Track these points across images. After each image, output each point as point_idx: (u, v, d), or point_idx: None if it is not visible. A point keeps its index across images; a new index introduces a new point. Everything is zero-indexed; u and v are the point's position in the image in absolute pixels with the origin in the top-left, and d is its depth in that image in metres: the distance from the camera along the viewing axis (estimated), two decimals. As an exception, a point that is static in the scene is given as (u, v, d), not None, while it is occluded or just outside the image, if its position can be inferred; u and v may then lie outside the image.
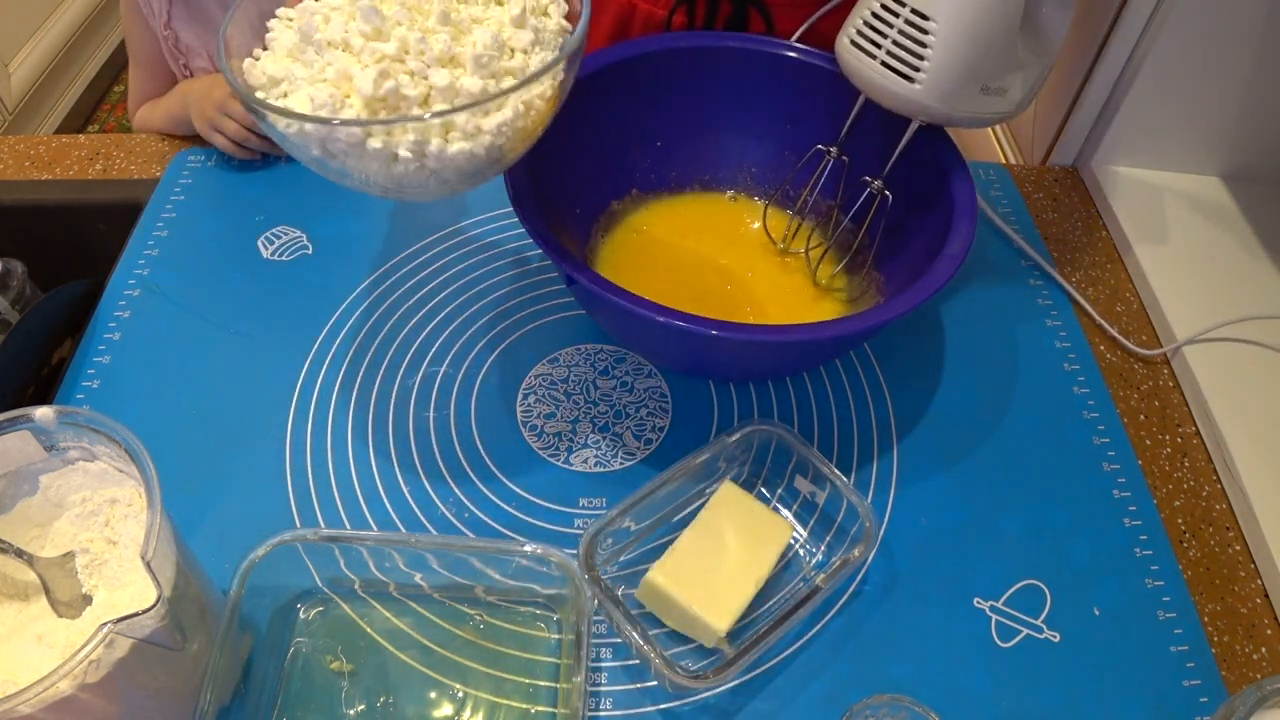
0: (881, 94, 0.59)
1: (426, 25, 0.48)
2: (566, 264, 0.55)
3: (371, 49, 0.47)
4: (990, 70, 0.58)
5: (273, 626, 0.54)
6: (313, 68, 0.48)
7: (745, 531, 0.56)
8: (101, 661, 0.40)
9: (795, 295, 0.71)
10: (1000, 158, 1.00)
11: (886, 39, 0.57)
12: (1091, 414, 0.68)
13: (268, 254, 0.76)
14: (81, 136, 0.88)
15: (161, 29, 0.87)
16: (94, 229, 0.82)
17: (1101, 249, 0.81)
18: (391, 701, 0.52)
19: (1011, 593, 0.58)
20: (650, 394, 0.68)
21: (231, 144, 0.81)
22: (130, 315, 0.72)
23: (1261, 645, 0.58)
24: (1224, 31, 0.74)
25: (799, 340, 0.56)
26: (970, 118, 0.59)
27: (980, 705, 0.54)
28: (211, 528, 0.59)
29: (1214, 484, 0.65)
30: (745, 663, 0.50)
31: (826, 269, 0.71)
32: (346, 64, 0.47)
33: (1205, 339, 0.72)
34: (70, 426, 0.46)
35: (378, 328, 0.71)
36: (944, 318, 0.74)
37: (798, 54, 0.70)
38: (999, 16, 0.55)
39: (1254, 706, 0.44)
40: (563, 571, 0.52)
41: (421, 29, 0.48)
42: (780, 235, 0.73)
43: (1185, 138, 0.83)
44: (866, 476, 0.64)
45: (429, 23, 0.48)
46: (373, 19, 0.47)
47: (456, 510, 0.61)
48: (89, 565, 0.46)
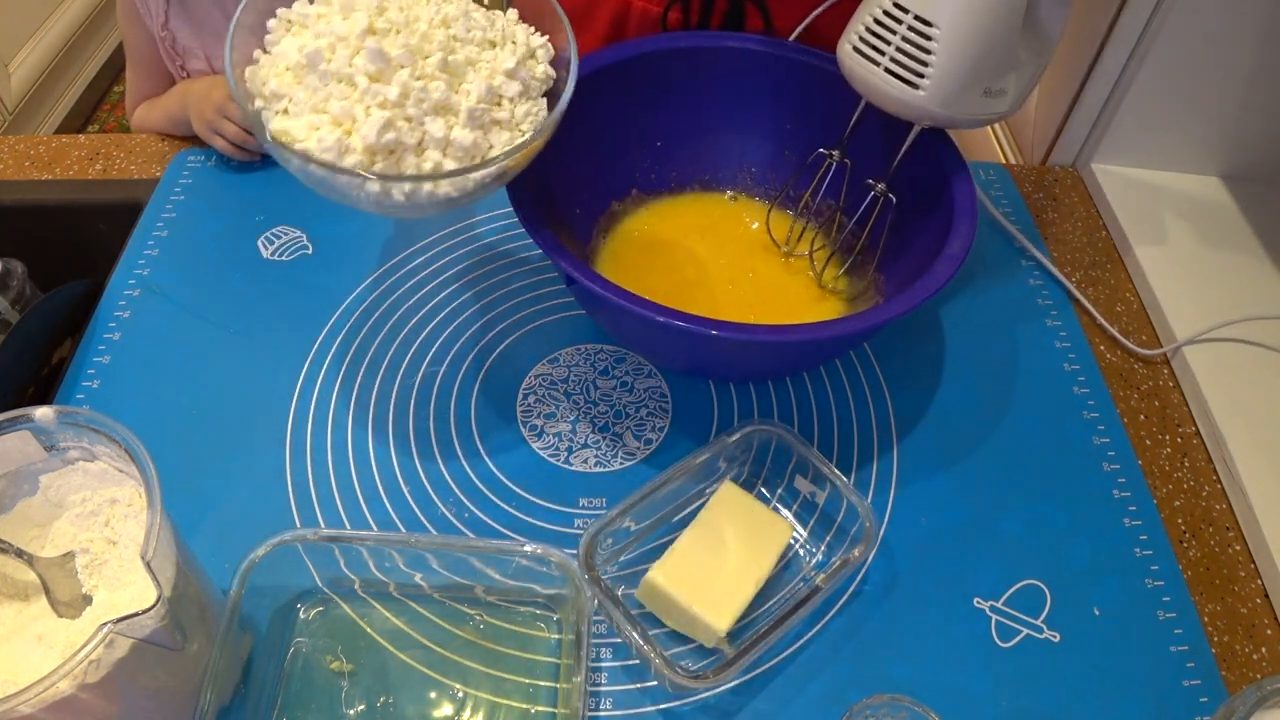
0: (885, 100, 0.59)
1: (426, 69, 0.50)
2: (566, 264, 0.55)
3: (374, 92, 0.49)
4: (993, 73, 0.58)
5: (273, 626, 0.54)
6: (315, 94, 0.50)
7: (745, 531, 0.56)
8: (101, 661, 0.40)
9: (795, 295, 0.71)
10: (1000, 158, 1.00)
11: (890, 46, 0.57)
12: (1091, 414, 0.68)
13: (268, 254, 0.76)
14: (81, 136, 0.88)
15: (159, 30, 0.87)
16: (94, 229, 0.82)
17: (1101, 249, 0.81)
18: (391, 701, 0.52)
19: (1011, 593, 0.58)
20: (650, 394, 0.68)
21: (230, 146, 0.81)
22: (130, 315, 0.72)
23: (1261, 645, 0.58)
24: (1224, 31, 0.74)
25: (799, 340, 0.56)
26: (972, 119, 0.59)
27: (980, 705, 0.54)
28: (211, 528, 0.59)
29: (1214, 484, 0.65)
30: (745, 663, 0.50)
31: (830, 271, 0.71)
32: (350, 106, 0.49)
33: (1205, 339, 0.72)
34: (70, 426, 0.46)
35: (378, 328, 0.71)
36: (944, 318, 0.74)
37: (797, 54, 0.70)
38: (1002, 20, 0.55)
39: (1254, 706, 0.44)
40: (563, 571, 0.52)
41: (421, 73, 0.50)
42: (783, 238, 0.73)
43: (1185, 138, 0.83)
44: (866, 476, 0.64)
45: (429, 66, 0.50)
46: (377, 60, 0.49)
47: (456, 510, 0.61)
48: (89, 565, 0.46)
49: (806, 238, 0.73)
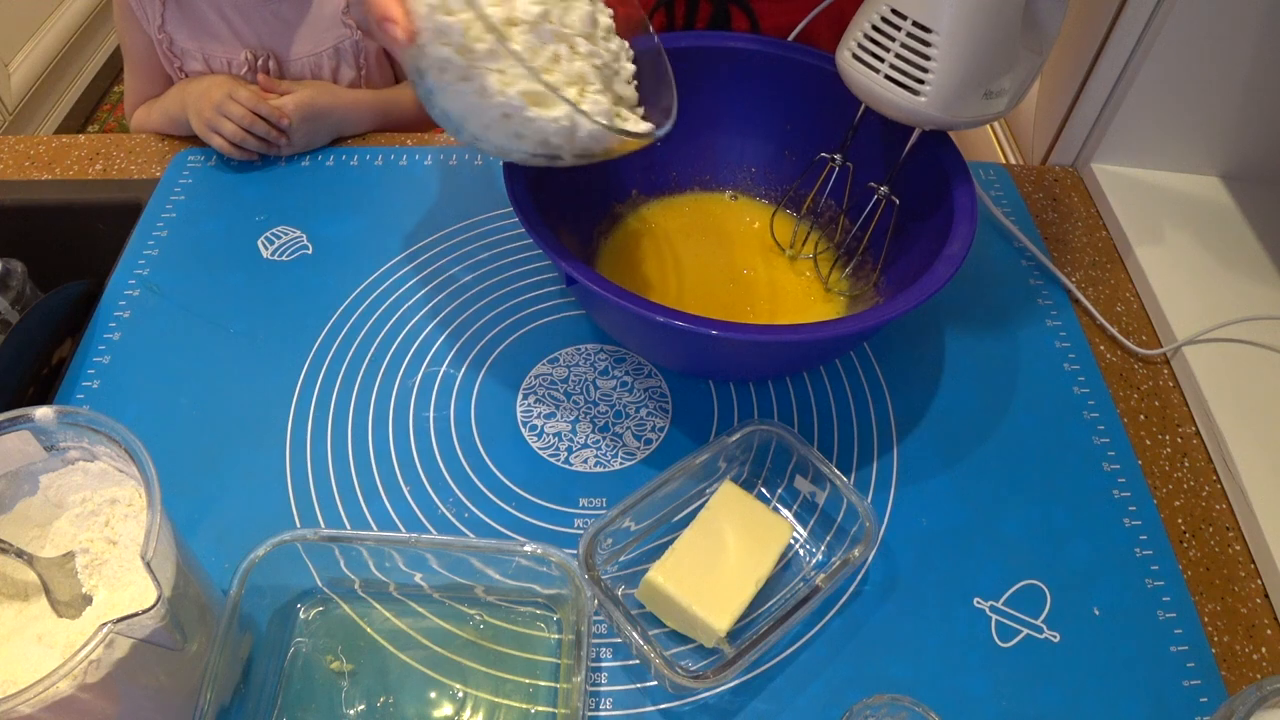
0: (886, 106, 0.59)
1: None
2: (566, 264, 0.55)
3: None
4: (992, 75, 0.57)
5: (273, 626, 0.54)
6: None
7: (745, 531, 0.56)
8: (101, 661, 0.40)
9: (795, 295, 0.71)
10: (1000, 158, 1.00)
11: (889, 52, 0.57)
12: (1091, 414, 0.68)
13: (268, 254, 0.76)
14: (81, 136, 0.88)
15: (156, 32, 0.87)
16: (94, 229, 0.82)
17: (1101, 249, 0.81)
18: (391, 701, 0.52)
19: (1011, 593, 0.58)
20: (650, 394, 0.68)
21: (229, 145, 0.81)
22: (130, 315, 0.72)
23: (1261, 645, 0.58)
24: (1224, 31, 0.74)
25: (799, 340, 0.56)
26: (972, 121, 0.59)
27: (980, 705, 0.54)
28: (211, 528, 0.59)
29: (1214, 484, 0.65)
30: (745, 663, 0.50)
31: (834, 273, 0.71)
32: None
33: (1205, 339, 0.72)
34: (70, 426, 0.46)
35: (378, 328, 0.71)
36: (944, 318, 0.74)
37: (797, 55, 0.70)
38: (1000, 23, 0.55)
39: (1254, 706, 0.44)
40: (563, 571, 0.52)
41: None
42: (788, 242, 0.73)
43: (1185, 138, 0.83)
44: (866, 476, 0.64)
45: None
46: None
47: (456, 510, 0.61)
48: (89, 565, 0.46)
49: (811, 240, 0.73)
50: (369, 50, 0.92)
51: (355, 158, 0.85)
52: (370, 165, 0.84)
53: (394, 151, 0.86)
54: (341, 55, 0.91)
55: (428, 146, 0.87)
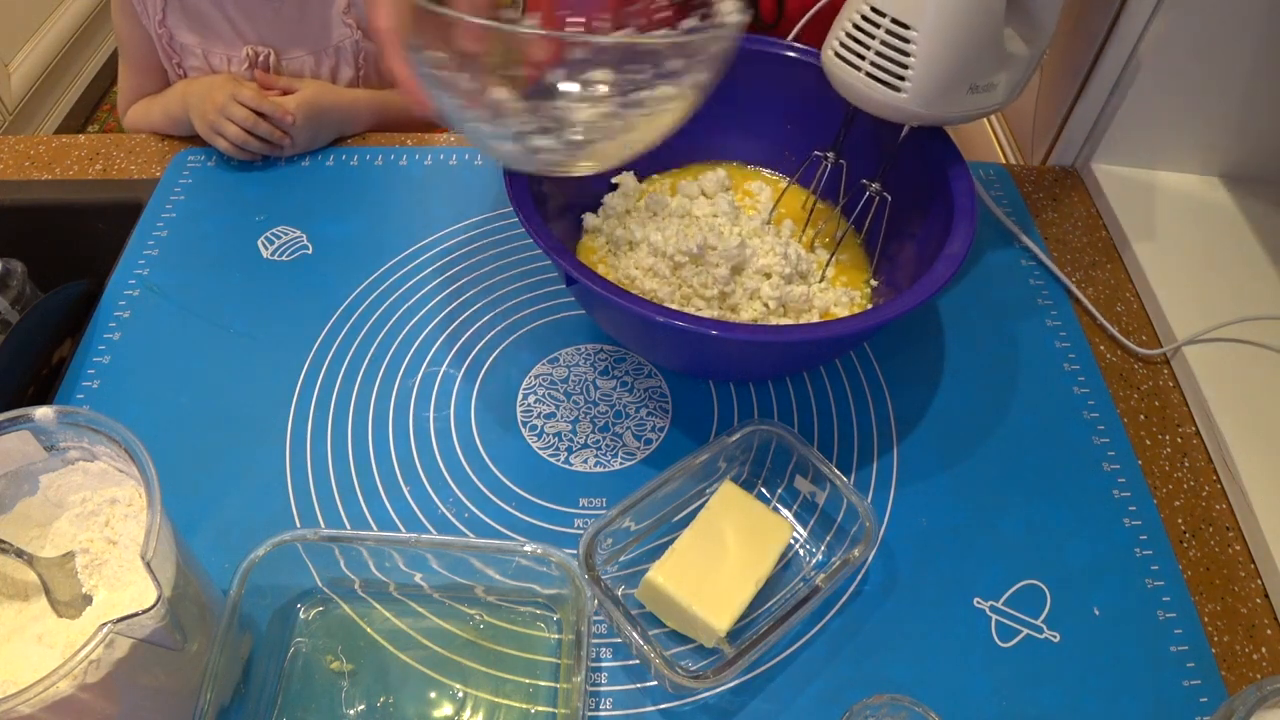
0: (869, 103, 0.59)
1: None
2: (566, 264, 0.55)
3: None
4: (977, 71, 0.58)
5: (273, 626, 0.54)
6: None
7: (745, 531, 0.56)
8: (101, 661, 0.40)
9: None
10: (1000, 158, 1.00)
11: (870, 50, 0.57)
12: (1091, 414, 0.68)
13: (268, 254, 0.76)
14: (81, 136, 0.88)
15: (155, 27, 0.87)
16: (94, 229, 0.82)
17: (1101, 249, 0.81)
18: (391, 701, 0.52)
19: (1011, 593, 0.58)
20: (650, 394, 0.68)
21: (232, 146, 0.81)
22: (130, 315, 0.72)
23: (1261, 645, 0.58)
24: (1224, 31, 0.74)
25: (799, 340, 0.56)
26: (961, 116, 0.59)
27: (980, 705, 0.54)
28: (211, 528, 0.59)
29: (1214, 484, 0.65)
30: (745, 663, 0.50)
31: (831, 268, 0.71)
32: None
33: (1205, 339, 0.72)
34: (70, 426, 0.46)
35: (378, 328, 0.71)
36: (944, 318, 0.74)
37: (796, 54, 0.70)
38: (980, 20, 0.55)
39: (1254, 706, 0.44)
40: (563, 571, 0.52)
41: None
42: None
43: (1185, 138, 0.83)
44: (866, 476, 0.64)
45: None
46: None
47: (456, 510, 0.61)
48: (89, 565, 0.46)
49: (808, 236, 0.73)
50: (368, 50, 0.92)
51: (355, 158, 0.85)
52: (370, 165, 0.84)
53: (394, 151, 0.86)
54: (341, 54, 0.91)
55: (428, 146, 0.87)
